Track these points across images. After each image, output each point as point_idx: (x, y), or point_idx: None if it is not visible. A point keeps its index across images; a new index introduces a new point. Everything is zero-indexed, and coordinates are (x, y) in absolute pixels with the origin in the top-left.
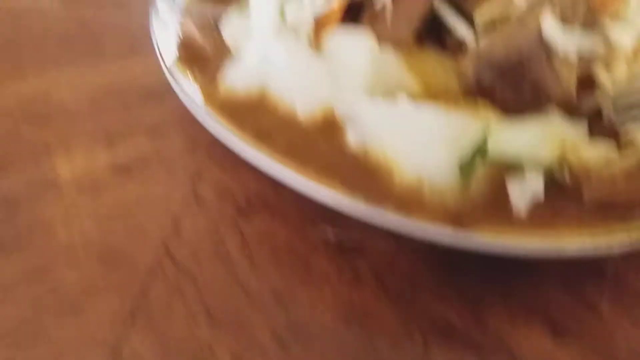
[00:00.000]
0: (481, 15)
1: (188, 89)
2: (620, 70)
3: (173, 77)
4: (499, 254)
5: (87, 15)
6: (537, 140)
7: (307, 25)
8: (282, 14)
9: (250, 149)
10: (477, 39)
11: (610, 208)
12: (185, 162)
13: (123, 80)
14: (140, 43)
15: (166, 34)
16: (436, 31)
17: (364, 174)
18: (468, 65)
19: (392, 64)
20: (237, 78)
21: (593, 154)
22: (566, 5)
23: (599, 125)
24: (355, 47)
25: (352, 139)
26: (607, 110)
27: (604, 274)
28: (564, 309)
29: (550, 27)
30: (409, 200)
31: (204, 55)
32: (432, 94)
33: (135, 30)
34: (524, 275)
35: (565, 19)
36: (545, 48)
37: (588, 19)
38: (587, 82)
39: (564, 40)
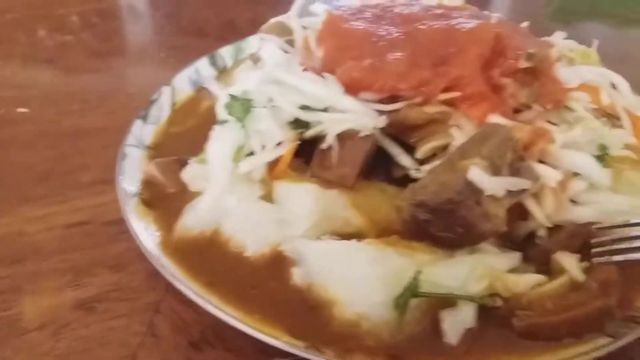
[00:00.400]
0: (424, 151)
1: (141, 232)
2: (549, 201)
3: (128, 218)
4: None
5: (65, 148)
6: (466, 275)
7: (259, 171)
8: (237, 159)
9: (198, 294)
10: (418, 173)
11: (540, 333)
12: (145, 295)
13: (93, 215)
14: (110, 175)
15: (132, 173)
16: (385, 163)
17: (307, 311)
18: (404, 203)
19: (337, 204)
20: (192, 220)
21: (522, 282)
22: (494, 152)
23: (534, 252)
24: (301, 193)
25: (298, 276)
26: (539, 239)
27: None
28: None
29: (477, 174)
30: (348, 337)
31: (165, 195)
32: (376, 227)
33: (107, 161)
34: None
35: (493, 164)
36: (473, 191)
37: (515, 162)
38: (520, 213)
39: (491, 183)
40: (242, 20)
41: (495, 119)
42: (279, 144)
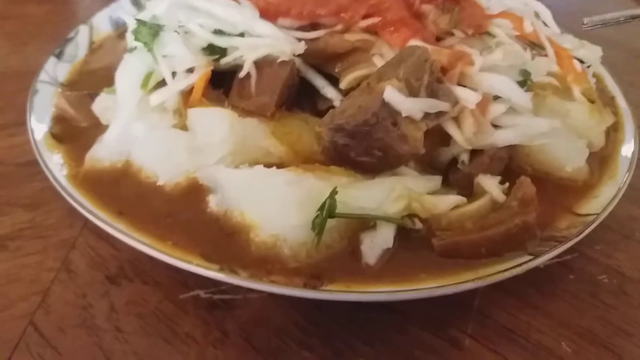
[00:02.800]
0: (347, 81)
1: (53, 166)
2: (469, 124)
3: (40, 154)
4: (352, 302)
5: None
6: (384, 196)
7: (172, 100)
8: (146, 87)
9: (112, 224)
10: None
11: (459, 253)
12: (61, 233)
13: (6, 156)
14: (25, 117)
15: (44, 109)
16: (310, 96)
17: (224, 237)
18: (322, 129)
19: (256, 133)
20: (102, 152)
21: (441, 204)
22: (411, 74)
23: (456, 177)
24: (216, 122)
25: (214, 203)
26: (461, 164)
27: (468, 310)
28: (428, 347)
29: (393, 94)
30: (265, 260)
31: (78, 128)
32: (297, 157)
33: (22, 103)
34: (391, 318)
35: (410, 86)
36: (390, 113)
37: (433, 83)
38: (442, 139)
39: (406, 104)
40: None
41: (415, 43)
42: (191, 70)
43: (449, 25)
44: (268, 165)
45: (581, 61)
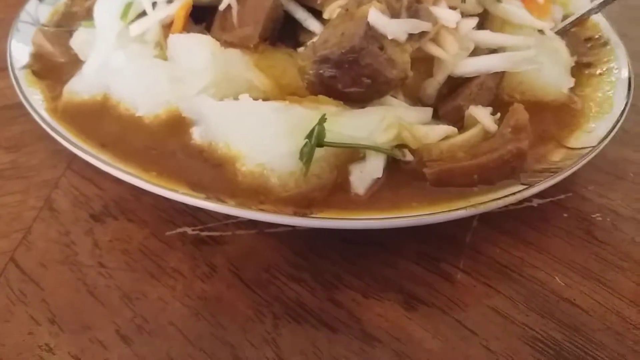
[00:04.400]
0: (330, 11)
1: (34, 101)
2: (451, 42)
3: (21, 90)
4: (341, 236)
5: None
6: (373, 126)
7: (153, 31)
8: (126, 18)
9: (96, 156)
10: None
11: (452, 182)
12: (44, 174)
13: None
14: (3, 58)
15: (25, 49)
16: (293, 28)
17: (209, 168)
18: (306, 61)
19: (239, 64)
20: (81, 85)
21: (433, 133)
22: None
23: (446, 110)
24: (197, 49)
25: (198, 135)
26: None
27: (461, 246)
28: (419, 281)
29: (376, 17)
30: (253, 190)
31: (56, 65)
32: (282, 91)
33: (3, 52)
34: (381, 253)
35: (391, 8)
36: (375, 37)
37: (413, 4)
38: (425, 65)
39: (392, 26)
40: None
41: None
42: (171, 1)
43: None
44: (253, 98)
45: None
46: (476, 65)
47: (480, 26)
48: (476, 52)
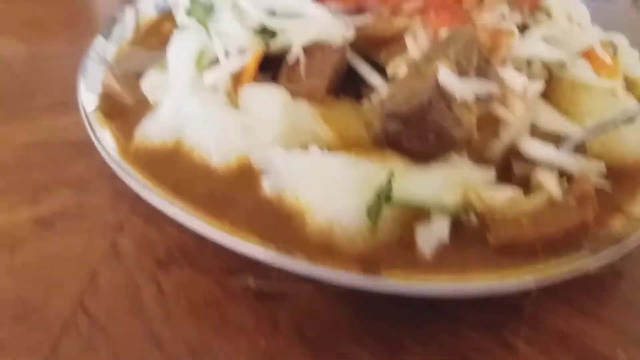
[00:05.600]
0: (393, 66)
1: (105, 142)
2: (518, 106)
3: (92, 129)
4: (407, 296)
5: (19, 69)
6: (440, 185)
7: (224, 81)
8: (199, 65)
9: (167, 201)
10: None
11: (515, 250)
12: (108, 214)
13: (53, 134)
14: (71, 97)
15: (93, 88)
16: (354, 82)
17: (278, 220)
18: (374, 115)
19: (306, 116)
20: (153, 129)
21: (498, 196)
22: (460, 55)
23: (510, 172)
24: (269, 99)
25: (267, 186)
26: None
27: (521, 315)
28: (482, 349)
29: (446, 75)
30: (321, 245)
31: (125, 107)
32: (346, 143)
33: (67, 84)
34: (443, 319)
35: (460, 67)
36: (443, 95)
37: (482, 65)
38: (491, 126)
39: (461, 86)
40: None
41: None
42: (243, 51)
43: (504, 2)
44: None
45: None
46: (547, 153)
47: (548, 88)
48: None
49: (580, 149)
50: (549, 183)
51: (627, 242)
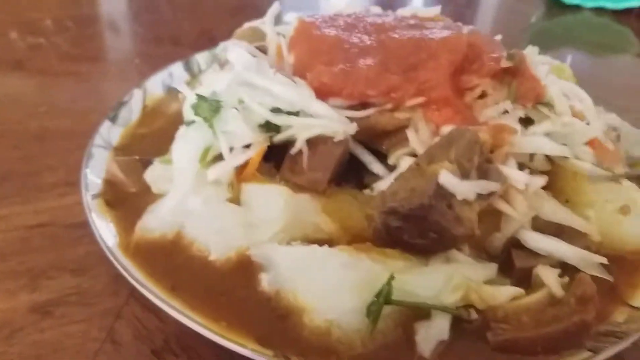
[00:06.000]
0: (396, 157)
1: (104, 232)
2: (519, 201)
3: (92, 218)
4: None
5: (31, 149)
6: (441, 285)
7: (228, 174)
8: (204, 161)
9: (163, 300)
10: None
11: (515, 349)
12: (106, 300)
13: (55, 217)
14: (77, 176)
15: (97, 172)
16: (357, 169)
17: (275, 319)
18: (374, 211)
19: (308, 209)
20: (154, 222)
21: (499, 295)
22: (462, 155)
23: (512, 263)
24: (272, 198)
25: (266, 282)
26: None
27: None
28: None
29: (448, 178)
30: (318, 347)
31: (128, 194)
32: (348, 234)
33: (75, 163)
34: None
35: (462, 168)
36: (444, 196)
37: (483, 164)
38: (493, 219)
39: (461, 187)
40: (221, 30)
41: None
42: (247, 146)
43: (508, 98)
44: (318, 242)
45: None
46: (549, 245)
47: (552, 177)
48: None
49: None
50: (550, 280)
51: (628, 338)
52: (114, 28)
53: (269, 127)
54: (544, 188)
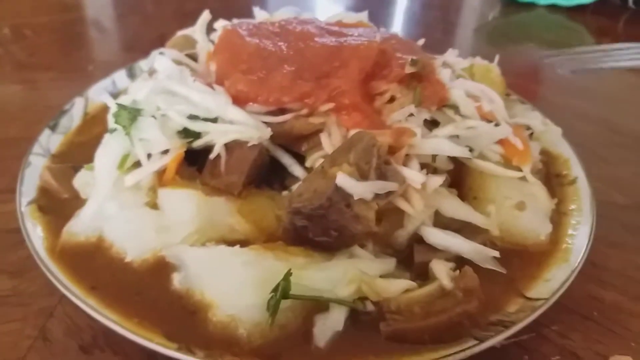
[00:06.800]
0: (312, 160)
1: (35, 237)
2: (417, 200)
3: (23, 224)
4: None
5: None
6: (337, 278)
7: (146, 180)
8: (122, 167)
9: (82, 300)
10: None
11: (405, 337)
12: (41, 300)
13: None
14: (15, 185)
15: (34, 180)
16: (280, 172)
17: (184, 315)
18: (281, 212)
19: (222, 211)
20: (78, 227)
21: (392, 288)
22: (360, 158)
23: (412, 261)
24: (183, 200)
25: (177, 281)
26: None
27: None
28: None
29: (344, 179)
30: (222, 340)
31: (61, 200)
32: (262, 234)
33: (15, 172)
34: None
35: (360, 170)
36: (342, 196)
37: (381, 166)
38: (397, 217)
39: (358, 188)
40: (172, 35)
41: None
42: (165, 152)
43: (414, 102)
44: (232, 243)
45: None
46: (446, 241)
47: (458, 176)
48: None
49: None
50: (441, 273)
51: (514, 326)
52: (71, 35)
53: (187, 134)
54: (454, 186)
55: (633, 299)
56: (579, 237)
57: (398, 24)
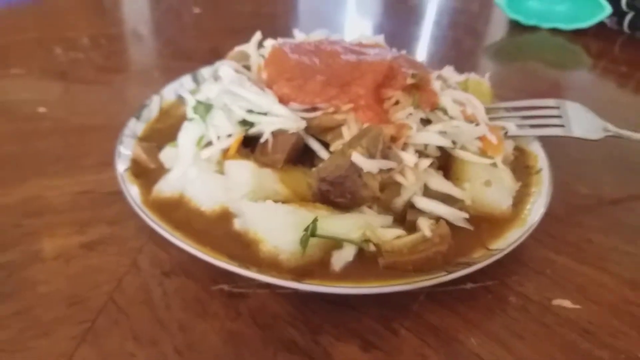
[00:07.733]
0: (335, 146)
1: (132, 193)
2: (410, 175)
3: (124, 183)
4: (323, 294)
5: (73, 140)
6: (350, 226)
7: (216, 154)
8: (199, 145)
9: (170, 233)
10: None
11: (396, 268)
12: (132, 241)
13: (95, 186)
14: (110, 159)
15: (126, 155)
16: (310, 154)
17: (242, 246)
18: (312, 180)
19: (269, 179)
20: (165, 186)
21: (388, 234)
22: (370, 143)
23: (404, 220)
24: (241, 168)
25: (237, 225)
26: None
27: (408, 312)
28: (374, 332)
29: (357, 157)
30: (269, 262)
31: (148, 169)
32: (296, 197)
33: (108, 150)
34: (351, 312)
35: (369, 151)
36: (356, 169)
37: (385, 150)
38: (395, 188)
39: (368, 164)
40: (225, 48)
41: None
42: (229, 135)
43: (412, 105)
44: (276, 202)
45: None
46: (431, 206)
47: (446, 161)
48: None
49: (458, 202)
50: (424, 226)
51: (475, 265)
52: (139, 45)
53: (245, 123)
54: (444, 170)
55: (580, 263)
56: (535, 210)
57: (419, 42)
